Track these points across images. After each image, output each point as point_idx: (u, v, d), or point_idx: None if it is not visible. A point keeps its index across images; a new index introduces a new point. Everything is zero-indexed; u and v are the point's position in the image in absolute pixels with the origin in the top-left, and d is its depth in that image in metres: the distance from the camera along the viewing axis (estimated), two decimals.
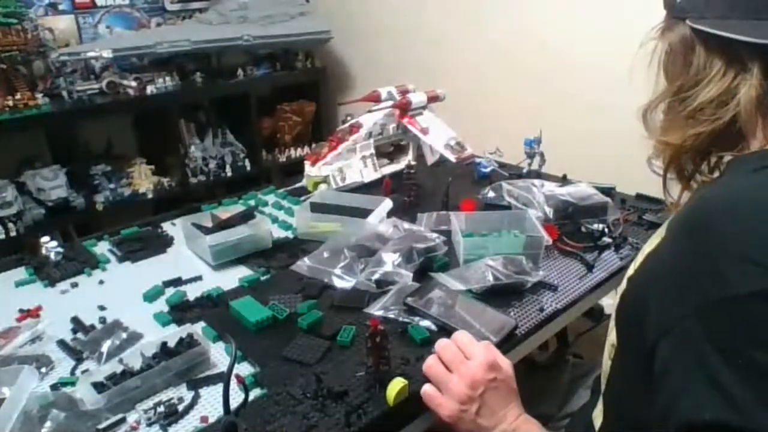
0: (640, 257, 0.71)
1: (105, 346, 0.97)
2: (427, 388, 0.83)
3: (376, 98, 1.73)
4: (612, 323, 0.75)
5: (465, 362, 0.82)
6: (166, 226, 1.48)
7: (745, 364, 0.51)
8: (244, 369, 0.92)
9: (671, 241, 0.64)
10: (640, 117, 0.76)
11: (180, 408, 0.84)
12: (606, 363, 0.77)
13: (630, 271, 0.73)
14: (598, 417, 0.81)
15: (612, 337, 0.74)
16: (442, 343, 0.86)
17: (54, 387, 0.90)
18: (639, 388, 0.64)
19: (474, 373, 0.80)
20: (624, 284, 0.73)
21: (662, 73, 0.74)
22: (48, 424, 0.81)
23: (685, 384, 0.54)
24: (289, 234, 1.42)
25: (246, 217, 1.32)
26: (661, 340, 0.58)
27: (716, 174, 0.73)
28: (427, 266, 1.18)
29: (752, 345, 0.51)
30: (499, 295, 1.09)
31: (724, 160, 0.72)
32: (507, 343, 0.98)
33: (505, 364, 0.84)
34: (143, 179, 2.82)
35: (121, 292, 1.18)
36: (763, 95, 0.64)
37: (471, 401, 0.79)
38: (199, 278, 1.22)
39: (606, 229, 1.30)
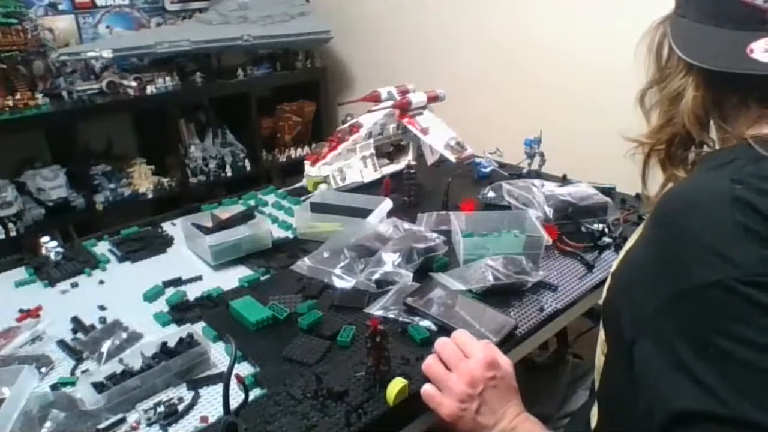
0: (622, 253, 0.73)
1: (105, 346, 0.97)
2: (426, 388, 0.83)
3: (376, 98, 1.73)
4: (602, 320, 0.76)
5: (464, 360, 0.82)
6: (166, 226, 1.48)
7: (716, 353, 0.53)
8: (244, 369, 0.92)
9: (642, 237, 0.66)
10: (637, 102, 0.77)
11: (180, 408, 0.84)
12: (599, 359, 0.78)
13: (613, 267, 0.75)
14: (594, 416, 0.81)
15: (602, 333, 0.75)
16: (441, 342, 0.86)
17: (54, 387, 0.90)
18: (627, 383, 0.64)
19: (473, 371, 0.80)
20: (609, 279, 0.74)
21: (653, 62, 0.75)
22: (48, 424, 0.81)
23: (662, 379, 0.56)
24: (289, 234, 1.42)
25: (246, 217, 1.32)
26: (637, 340, 0.60)
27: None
28: (427, 266, 1.18)
29: (719, 334, 0.53)
30: (499, 295, 1.09)
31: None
32: (507, 343, 0.98)
33: (505, 362, 0.84)
34: (143, 179, 2.82)
35: (121, 292, 1.18)
36: (700, 106, 0.66)
37: (471, 399, 0.79)
38: (199, 278, 1.22)
39: (606, 229, 1.30)
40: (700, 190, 0.61)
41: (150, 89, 2.74)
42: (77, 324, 1.06)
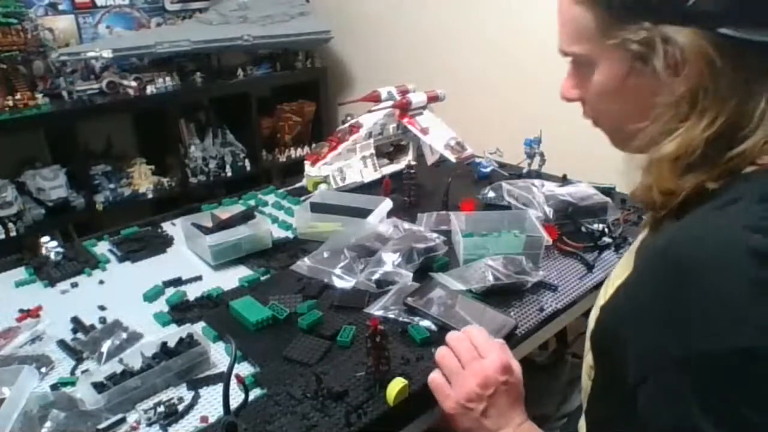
0: (610, 289, 0.69)
1: (105, 346, 0.97)
2: (435, 376, 0.82)
3: (376, 98, 1.73)
4: (588, 345, 0.73)
5: (478, 359, 0.80)
6: (166, 226, 1.48)
7: (736, 422, 0.50)
8: (244, 369, 0.93)
9: (647, 277, 0.59)
10: (662, 163, 0.62)
11: (180, 408, 0.84)
12: (585, 383, 0.76)
13: (601, 300, 0.71)
14: (582, 429, 0.80)
15: (589, 358, 0.73)
16: (455, 336, 0.84)
17: (54, 387, 0.90)
18: (620, 416, 0.62)
19: (487, 371, 0.78)
20: (596, 312, 0.71)
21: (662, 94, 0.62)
22: (48, 424, 0.81)
23: None
24: (289, 234, 1.42)
25: (246, 217, 1.32)
26: (644, 383, 0.56)
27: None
28: (427, 266, 1.18)
29: (743, 403, 0.49)
30: (499, 295, 1.09)
31: None
32: (507, 343, 0.97)
33: (517, 367, 0.82)
34: (143, 179, 2.82)
35: (121, 292, 1.18)
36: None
37: (479, 400, 0.78)
38: (199, 278, 1.22)
39: (606, 229, 1.30)
40: (713, 241, 0.54)
41: (150, 89, 2.74)
42: (77, 324, 1.06)
